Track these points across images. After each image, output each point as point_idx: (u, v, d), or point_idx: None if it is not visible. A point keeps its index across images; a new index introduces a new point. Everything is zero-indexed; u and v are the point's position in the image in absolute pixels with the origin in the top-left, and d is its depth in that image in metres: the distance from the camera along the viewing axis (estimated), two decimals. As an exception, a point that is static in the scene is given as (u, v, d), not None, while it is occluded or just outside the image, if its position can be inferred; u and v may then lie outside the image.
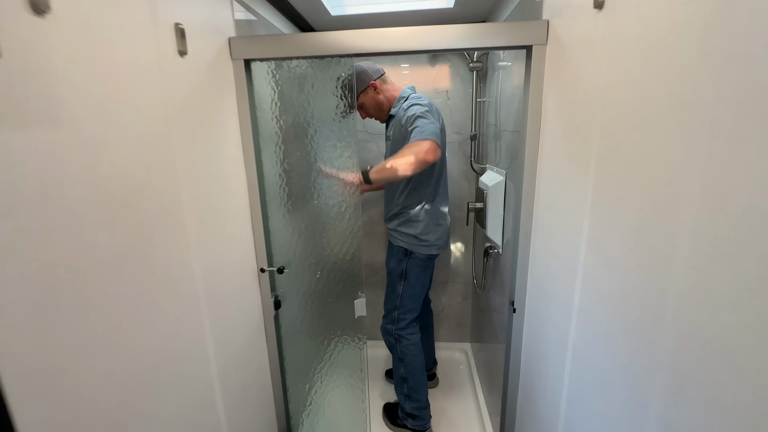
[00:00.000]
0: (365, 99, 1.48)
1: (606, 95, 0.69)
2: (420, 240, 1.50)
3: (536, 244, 1.08)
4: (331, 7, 1.58)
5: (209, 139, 0.95)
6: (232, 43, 1.06)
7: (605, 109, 0.69)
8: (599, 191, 0.72)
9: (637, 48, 0.60)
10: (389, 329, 1.58)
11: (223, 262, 1.02)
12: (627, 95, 0.62)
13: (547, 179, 1.00)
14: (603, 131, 0.70)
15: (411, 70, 1.90)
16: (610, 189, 0.68)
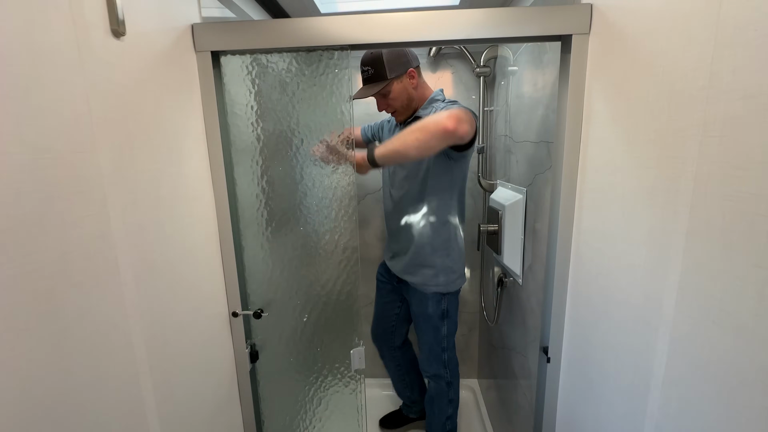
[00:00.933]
0: (398, 87, 1.18)
1: (712, 85, 0.49)
2: (455, 272, 1.31)
3: (578, 280, 0.87)
4: (321, 3, 1.39)
5: (160, 150, 0.72)
6: (196, 30, 0.84)
7: (714, 105, 0.49)
8: (703, 220, 0.51)
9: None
10: (442, 375, 1.38)
11: (179, 310, 0.77)
12: (758, 80, 0.42)
13: (594, 200, 0.79)
14: (708, 135, 0.50)
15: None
16: (724, 217, 0.48)
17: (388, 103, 1.23)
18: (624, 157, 0.68)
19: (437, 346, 1.35)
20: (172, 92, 0.76)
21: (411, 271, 1.33)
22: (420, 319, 1.36)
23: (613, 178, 0.72)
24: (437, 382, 1.41)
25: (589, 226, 0.82)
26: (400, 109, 1.25)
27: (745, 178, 0.44)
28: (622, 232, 0.69)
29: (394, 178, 1.31)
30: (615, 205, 0.71)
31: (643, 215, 0.63)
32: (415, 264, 1.31)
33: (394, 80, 1.18)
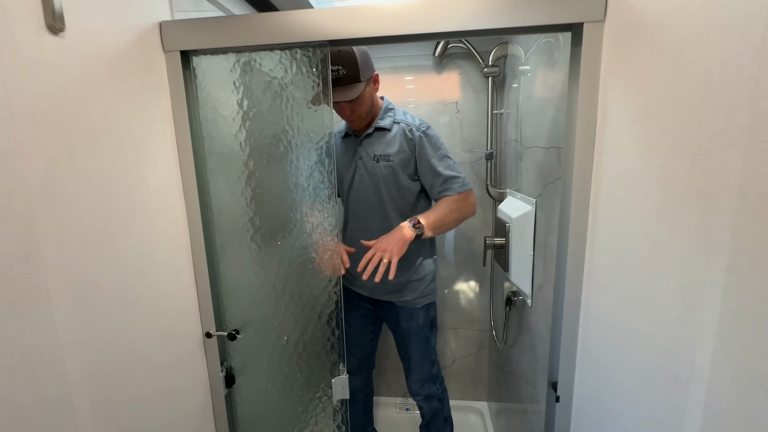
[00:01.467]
0: (367, 91, 1.06)
1: (761, 74, 0.37)
2: (435, 275, 1.27)
3: (591, 310, 0.74)
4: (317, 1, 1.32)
5: (112, 158, 0.65)
6: (164, 29, 0.78)
7: (765, 101, 0.37)
8: (750, 250, 0.38)
9: None
10: (434, 393, 1.29)
11: (135, 334, 0.70)
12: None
13: (609, 217, 0.67)
14: (757, 139, 0.37)
15: (411, 78, 1.61)
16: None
17: (354, 108, 1.06)
18: (646, 167, 0.56)
19: (428, 360, 1.27)
20: (130, 95, 0.70)
21: (400, 289, 1.21)
22: (411, 334, 1.25)
23: (632, 192, 0.59)
24: (430, 403, 1.30)
25: (603, 247, 0.69)
26: (363, 116, 1.10)
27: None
28: (643, 258, 0.57)
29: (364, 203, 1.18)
30: (635, 224, 0.59)
31: (671, 240, 0.50)
32: (403, 282, 1.19)
33: (365, 83, 1.03)
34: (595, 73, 0.69)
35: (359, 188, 1.16)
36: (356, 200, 1.18)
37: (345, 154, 1.19)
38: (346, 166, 1.18)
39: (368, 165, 1.13)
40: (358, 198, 1.17)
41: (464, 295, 1.79)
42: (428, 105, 1.61)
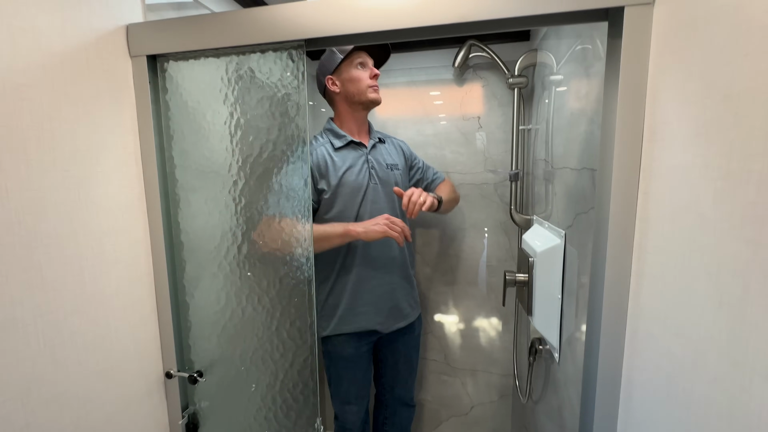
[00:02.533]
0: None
1: None
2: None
3: (635, 387, 0.54)
4: None
5: (45, 174, 0.57)
6: (130, 32, 0.70)
7: None
8: None
9: None
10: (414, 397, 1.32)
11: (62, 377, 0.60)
12: None
13: (662, 267, 0.48)
14: None
15: (430, 91, 1.48)
16: None
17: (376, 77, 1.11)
18: (718, 203, 0.37)
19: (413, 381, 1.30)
20: (77, 103, 0.62)
21: (413, 305, 1.21)
22: (410, 348, 1.25)
23: (696, 235, 0.41)
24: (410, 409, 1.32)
25: (653, 306, 0.50)
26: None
27: None
28: (712, 333, 0.38)
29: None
30: (701, 284, 0.40)
31: (754, 315, 0.32)
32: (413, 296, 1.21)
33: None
34: (642, 71, 0.52)
35: (375, 198, 1.11)
36: (373, 210, 1.09)
37: (352, 164, 1.09)
38: (357, 175, 1.09)
39: (381, 174, 1.13)
40: (376, 208, 1.10)
41: (484, 333, 1.58)
42: (448, 120, 1.47)
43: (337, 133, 1.11)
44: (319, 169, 1.06)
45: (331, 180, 1.05)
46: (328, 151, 1.09)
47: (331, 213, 1.07)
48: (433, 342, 1.62)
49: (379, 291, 1.11)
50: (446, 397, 1.64)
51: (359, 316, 1.10)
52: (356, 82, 1.07)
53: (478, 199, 1.48)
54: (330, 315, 1.11)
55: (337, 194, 1.06)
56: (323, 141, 1.11)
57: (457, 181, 1.48)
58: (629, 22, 0.52)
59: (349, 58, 1.06)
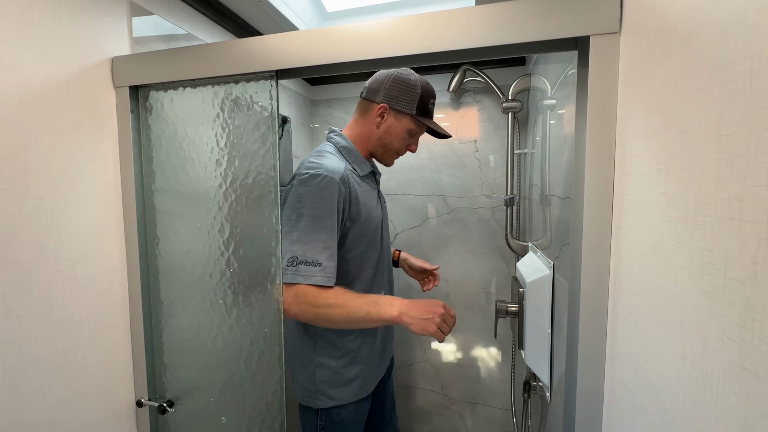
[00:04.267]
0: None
1: None
2: None
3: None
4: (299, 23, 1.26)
5: (18, 202, 0.58)
6: (115, 64, 0.73)
7: None
8: None
9: None
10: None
11: (28, 408, 0.59)
12: None
13: (634, 311, 0.44)
14: None
15: (429, 116, 1.47)
16: None
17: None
18: (681, 247, 0.34)
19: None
20: (55, 133, 0.63)
21: (390, 345, 1.08)
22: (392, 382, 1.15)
23: (661, 280, 0.37)
24: None
25: (627, 354, 0.46)
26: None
27: None
28: (677, 392, 0.33)
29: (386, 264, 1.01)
30: (666, 334, 0.36)
31: (714, 376, 0.28)
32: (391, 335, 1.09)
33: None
34: (611, 102, 0.50)
35: (386, 235, 0.98)
36: (386, 246, 0.98)
37: (370, 197, 0.92)
38: (375, 207, 0.93)
39: (384, 206, 1.01)
40: (386, 247, 0.99)
41: (483, 363, 1.51)
42: (443, 143, 1.46)
43: (359, 157, 0.92)
44: (349, 201, 0.83)
45: (361, 213, 0.86)
46: (356, 179, 0.88)
47: (356, 250, 0.88)
48: (429, 371, 1.55)
49: (381, 335, 0.98)
50: (443, 430, 1.56)
51: (372, 370, 0.94)
52: (397, 142, 0.92)
53: (475, 223, 1.45)
54: (345, 381, 0.89)
55: (361, 234, 0.88)
56: (345, 163, 0.87)
57: (454, 205, 1.46)
58: (595, 51, 0.50)
59: (415, 118, 0.90)
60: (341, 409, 0.88)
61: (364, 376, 0.91)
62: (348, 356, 0.89)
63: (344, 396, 0.88)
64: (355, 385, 0.89)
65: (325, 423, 0.88)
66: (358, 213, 0.85)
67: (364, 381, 0.91)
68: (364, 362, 0.91)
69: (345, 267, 0.86)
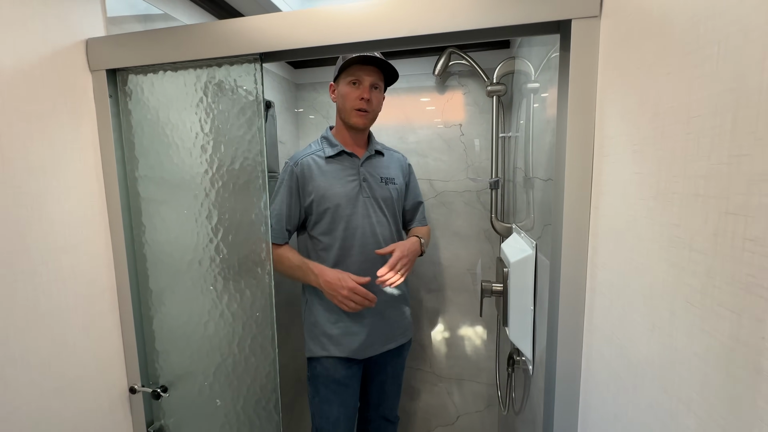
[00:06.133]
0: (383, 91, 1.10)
1: None
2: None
3: (590, 412, 0.53)
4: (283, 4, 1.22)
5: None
6: (90, 46, 0.70)
7: None
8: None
9: None
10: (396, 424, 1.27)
11: (18, 398, 0.59)
12: None
13: (609, 285, 0.47)
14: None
15: (411, 102, 1.47)
16: None
17: (373, 99, 1.04)
18: (652, 223, 0.36)
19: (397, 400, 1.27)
20: (30, 119, 0.61)
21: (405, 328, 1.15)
22: (398, 368, 1.21)
23: (635, 256, 0.40)
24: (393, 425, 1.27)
25: (603, 326, 0.49)
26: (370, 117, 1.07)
27: None
28: (652, 365, 0.36)
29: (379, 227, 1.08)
30: (639, 310, 0.39)
31: (692, 349, 0.31)
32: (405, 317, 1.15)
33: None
34: (591, 84, 0.51)
35: (365, 213, 1.05)
36: (366, 225, 1.05)
37: (339, 175, 1.04)
38: (346, 187, 1.03)
39: (375, 187, 1.08)
40: (367, 223, 1.05)
41: (470, 341, 1.56)
42: (429, 128, 1.46)
43: (332, 142, 1.07)
44: (303, 178, 1.01)
45: (317, 191, 1.01)
46: (316, 160, 1.03)
47: (321, 226, 1.02)
48: (418, 351, 1.60)
49: (377, 311, 1.05)
50: (432, 407, 1.62)
51: (350, 338, 1.04)
52: (345, 99, 1.01)
53: (461, 206, 1.47)
54: (319, 336, 1.04)
55: (323, 207, 1.01)
56: (316, 149, 1.07)
57: (440, 189, 1.48)
58: (577, 35, 0.51)
59: (345, 71, 1.00)
60: (324, 362, 1.04)
61: (333, 336, 1.03)
62: (333, 316, 1.04)
63: (317, 349, 1.04)
64: (324, 342, 1.04)
65: (312, 373, 1.07)
66: (313, 188, 1.01)
67: (333, 341, 1.03)
68: (349, 326, 1.04)
69: (319, 235, 1.03)
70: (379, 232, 1.07)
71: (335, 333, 1.03)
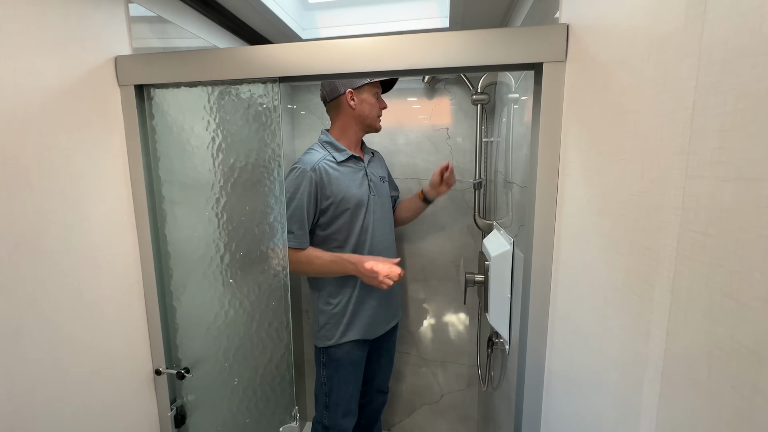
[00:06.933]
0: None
1: (693, 150, 0.31)
2: None
3: (553, 376, 0.66)
4: (302, 30, 1.31)
5: (46, 197, 0.64)
6: (119, 63, 0.77)
7: (696, 183, 0.30)
8: (682, 360, 0.32)
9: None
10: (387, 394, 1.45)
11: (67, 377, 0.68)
12: (761, 155, 0.24)
13: (568, 277, 0.60)
14: (689, 227, 0.31)
15: (401, 106, 1.58)
16: (709, 368, 0.28)
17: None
18: (595, 232, 0.49)
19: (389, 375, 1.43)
20: (73, 132, 0.69)
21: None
22: (393, 346, 1.39)
23: (584, 256, 0.53)
24: (384, 395, 1.44)
25: (564, 310, 0.62)
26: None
27: (742, 316, 0.26)
28: (593, 337, 0.49)
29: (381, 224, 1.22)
30: (586, 296, 0.52)
31: (615, 323, 0.43)
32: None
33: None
34: (557, 116, 0.63)
35: (375, 209, 1.19)
36: (376, 221, 1.18)
37: (353, 177, 1.15)
38: (359, 189, 1.15)
39: (377, 186, 1.21)
40: (377, 218, 1.19)
41: (453, 327, 1.71)
42: (418, 130, 1.57)
43: (338, 147, 1.15)
44: (322, 183, 1.08)
45: (336, 194, 1.09)
46: (331, 165, 1.12)
47: (336, 226, 1.12)
48: (406, 336, 1.74)
49: (374, 301, 1.20)
50: (419, 387, 1.77)
51: (365, 321, 1.18)
52: (372, 108, 1.16)
53: (447, 203, 1.60)
54: (336, 323, 1.16)
55: (342, 208, 1.11)
56: (324, 154, 1.13)
57: (428, 188, 1.60)
58: (547, 74, 0.63)
59: (373, 83, 1.14)
60: (344, 347, 1.17)
61: (348, 322, 1.16)
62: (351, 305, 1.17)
63: (335, 336, 1.17)
64: (341, 329, 1.16)
65: (328, 359, 1.18)
66: (332, 191, 1.10)
67: (349, 327, 1.17)
68: (346, 308, 1.17)
69: (334, 234, 1.14)
70: (385, 226, 1.22)
71: (353, 319, 1.17)
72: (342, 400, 1.19)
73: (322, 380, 1.20)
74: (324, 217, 1.12)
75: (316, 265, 1.09)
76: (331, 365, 1.18)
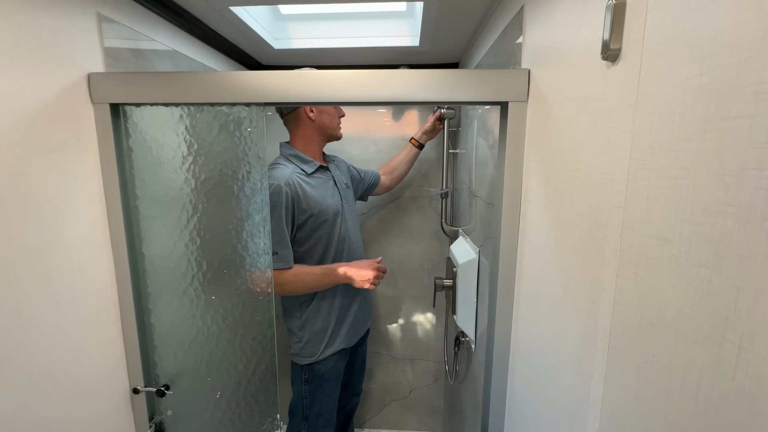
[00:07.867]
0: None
1: (627, 208, 0.39)
2: None
3: (516, 374, 0.76)
4: (274, 40, 1.32)
5: (20, 225, 0.62)
6: (92, 81, 0.75)
7: (629, 234, 0.39)
8: (618, 375, 0.41)
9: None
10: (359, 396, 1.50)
11: (49, 403, 0.66)
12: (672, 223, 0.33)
13: (529, 291, 0.69)
14: (624, 267, 0.40)
15: (371, 115, 1.63)
16: (638, 380, 0.37)
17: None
18: (552, 256, 0.58)
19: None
20: (46, 154, 0.67)
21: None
22: (365, 350, 1.44)
23: (543, 274, 0.62)
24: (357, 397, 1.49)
25: (525, 313, 0.71)
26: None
27: (660, 341, 0.34)
28: (550, 342, 0.59)
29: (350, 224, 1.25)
30: (544, 309, 0.61)
31: (569, 332, 0.53)
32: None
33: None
34: (520, 150, 0.72)
35: (348, 217, 1.21)
36: (350, 228, 1.21)
37: (325, 188, 1.15)
38: (332, 198, 1.15)
39: (344, 193, 1.22)
40: (350, 225, 1.21)
41: (421, 326, 1.81)
42: (387, 140, 1.63)
43: (305, 159, 1.13)
44: (298, 198, 1.05)
45: (313, 207, 1.07)
46: (302, 178, 1.09)
47: (314, 238, 1.11)
48: (377, 337, 1.81)
49: (356, 306, 1.24)
50: (389, 384, 1.85)
51: (348, 327, 1.21)
52: (333, 118, 1.17)
53: (415, 210, 1.68)
54: (320, 338, 1.16)
55: (321, 220, 1.10)
56: (292, 168, 1.09)
57: (396, 194, 1.67)
58: (512, 112, 0.71)
59: None
60: (328, 361, 1.18)
61: (332, 335, 1.18)
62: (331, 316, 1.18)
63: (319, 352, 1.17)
64: (324, 343, 1.17)
65: (311, 375, 1.17)
66: (309, 205, 1.07)
67: (332, 340, 1.18)
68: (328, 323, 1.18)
69: (312, 248, 1.13)
70: (356, 233, 1.26)
71: (337, 330, 1.19)
72: (324, 411, 1.20)
73: (303, 395, 1.18)
74: (301, 232, 1.09)
75: (306, 281, 1.06)
76: (315, 380, 1.17)
